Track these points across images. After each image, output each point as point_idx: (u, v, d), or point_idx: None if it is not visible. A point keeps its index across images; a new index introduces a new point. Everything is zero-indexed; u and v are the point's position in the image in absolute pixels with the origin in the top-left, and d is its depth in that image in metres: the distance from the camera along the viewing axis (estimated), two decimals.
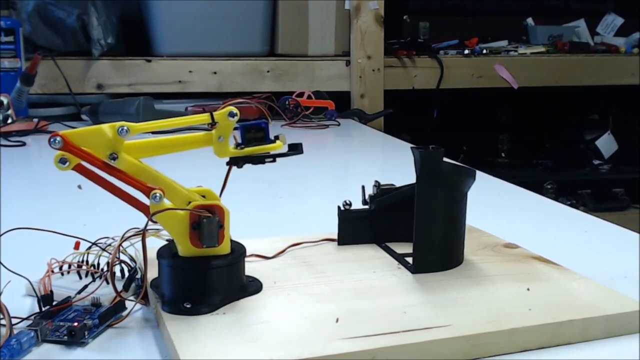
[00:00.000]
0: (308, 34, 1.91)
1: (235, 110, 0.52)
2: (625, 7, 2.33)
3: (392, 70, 1.95)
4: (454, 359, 0.46)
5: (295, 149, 0.54)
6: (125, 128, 0.50)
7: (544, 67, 2.07)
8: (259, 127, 0.52)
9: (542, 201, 0.97)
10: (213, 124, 0.51)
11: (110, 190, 0.51)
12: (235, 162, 0.53)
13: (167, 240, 0.57)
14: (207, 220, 0.51)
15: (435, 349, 0.46)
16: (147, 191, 0.51)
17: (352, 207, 0.66)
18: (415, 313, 0.50)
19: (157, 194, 0.50)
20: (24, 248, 0.61)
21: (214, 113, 0.52)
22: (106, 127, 0.50)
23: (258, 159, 0.53)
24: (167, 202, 0.51)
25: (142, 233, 0.51)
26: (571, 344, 0.49)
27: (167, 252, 0.53)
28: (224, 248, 0.53)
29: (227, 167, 0.54)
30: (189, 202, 0.52)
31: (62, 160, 0.50)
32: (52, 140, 0.49)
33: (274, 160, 0.54)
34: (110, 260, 0.53)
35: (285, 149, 0.55)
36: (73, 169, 0.50)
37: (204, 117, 0.52)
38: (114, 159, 0.50)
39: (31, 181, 1.13)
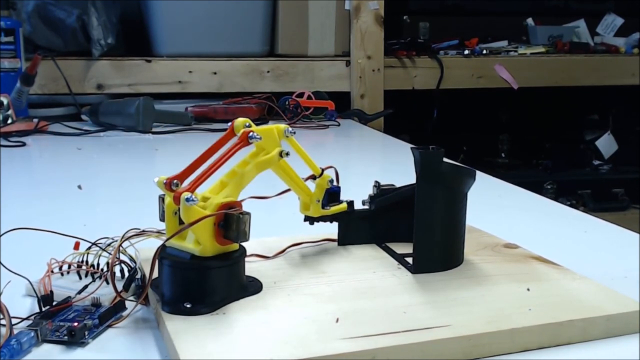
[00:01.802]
0: (308, 34, 1.91)
1: (332, 178, 0.64)
2: (625, 7, 2.33)
3: (392, 70, 1.95)
4: (454, 359, 0.46)
5: (350, 206, 0.66)
6: (291, 130, 0.60)
7: (544, 67, 2.07)
8: (336, 192, 0.64)
9: (542, 201, 0.97)
10: (317, 177, 0.63)
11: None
12: (316, 220, 0.65)
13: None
14: (243, 216, 0.51)
15: (435, 349, 0.46)
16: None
17: (352, 208, 0.66)
18: (415, 313, 0.50)
19: (193, 197, 0.51)
20: (24, 248, 0.61)
21: (323, 176, 0.63)
22: (274, 128, 0.58)
23: (335, 219, 0.65)
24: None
25: (159, 249, 0.51)
26: (571, 344, 0.49)
27: (168, 252, 0.53)
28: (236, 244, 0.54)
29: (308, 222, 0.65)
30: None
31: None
32: (251, 135, 0.55)
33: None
34: (110, 261, 0.53)
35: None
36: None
37: (317, 169, 0.63)
38: (287, 154, 0.59)
39: (31, 181, 1.13)
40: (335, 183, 0.64)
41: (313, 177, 0.63)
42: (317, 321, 0.49)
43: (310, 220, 0.65)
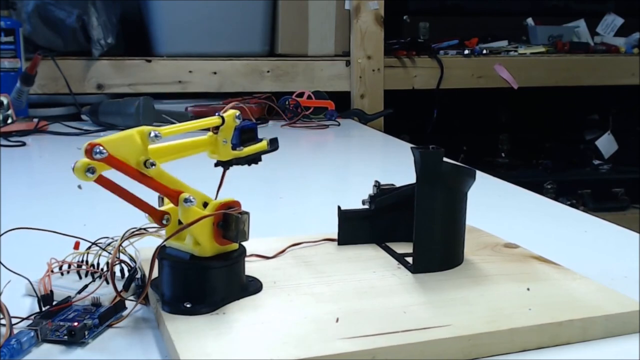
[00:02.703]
0: (308, 34, 1.91)
1: (239, 113, 0.54)
2: (625, 7, 2.33)
3: (392, 70, 1.95)
4: (454, 359, 0.46)
5: (273, 144, 0.57)
6: (156, 133, 0.49)
7: (544, 67, 2.07)
8: (251, 128, 0.55)
9: (542, 201, 0.97)
10: (220, 125, 0.53)
11: (129, 199, 0.50)
12: (229, 163, 0.55)
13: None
14: (240, 216, 0.51)
15: (435, 349, 0.46)
16: (176, 196, 0.51)
17: (352, 208, 0.66)
18: (415, 313, 0.50)
19: (191, 198, 0.50)
20: (24, 248, 0.61)
21: (228, 113, 0.53)
22: (135, 133, 0.49)
23: (254, 159, 0.56)
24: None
25: (158, 248, 0.51)
26: (571, 344, 0.49)
27: (168, 252, 0.53)
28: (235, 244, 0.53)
29: (222, 168, 0.56)
30: (204, 202, 0.52)
31: (91, 170, 0.47)
32: (95, 150, 0.46)
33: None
34: (110, 260, 0.53)
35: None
36: (96, 180, 0.48)
37: (216, 120, 0.54)
38: (153, 165, 0.49)
39: (31, 181, 1.13)
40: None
41: (217, 128, 0.55)
42: (317, 321, 0.49)
43: (222, 165, 0.56)
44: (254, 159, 0.56)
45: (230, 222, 0.51)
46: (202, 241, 0.51)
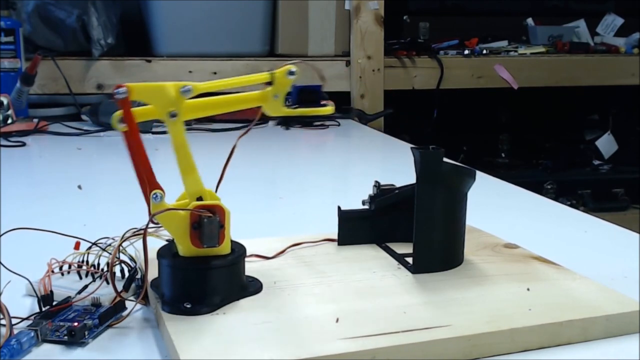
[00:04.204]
0: (308, 34, 1.91)
1: (294, 69, 0.51)
2: (625, 7, 2.33)
3: (392, 70, 1.95)
4: (454, 359, 0.46)
5: (346, 111, 0.54)
6: (188, 87, 0.49)
7: (544, 67, 2.06)
8: (313, 90, 0.51)
9: (542, 201, 0.97)
10: (270, 83, 0.51)
11: (140, 164, 0.50)
12: (286, 121, 0.53)
13: (167, 240, 0.57)
14: (208, 220, 0.51)
15: (435, 349, 0.46)
16: (149, 189, 0.50)
17: (352, 208, 0.66)
18: (415, 313, 0.50)
19: (158, 194, 0.50)
20: (24, 248, 0.61)
21: (274, 72, 0.51)
22: (170, 86, 0.49)
23: (309, 122, 0.52)
24: (167, 202, 0.51)
25: (144, 232, 0.51)
26: (571, 344, 0.49)
27: (167, 252, 0.53)
28: (224, 248, 0.53)
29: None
30: (199, 198, 0.52)
31: (122, 120, 0.49)
32: (119, 90, 0.47)
33: (325, 126, 0.53)
34: (110, 260, 0.53)
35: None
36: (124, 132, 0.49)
37: (264, 76, 0.51)
38: (174, 116, 0.49)
39: (31, 181, 1.13)
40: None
41: (268, 83, 0.53)
42: (317, 321, 0.49)
43: (283, 121, 0.53)
44: (309, 121, 0.53)
45: (201, 224, 0.51)
46: (178, 241, 0.52)
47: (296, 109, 0.53)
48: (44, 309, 0.51)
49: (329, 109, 0.53)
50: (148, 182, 0.51)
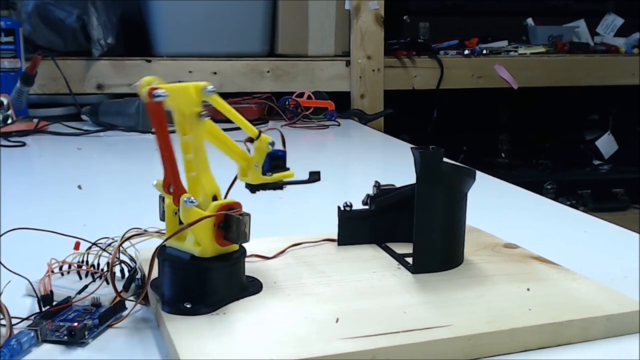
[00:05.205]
0: (308, 34, 1.91)
1: (272, 140, 0.57)
2: (625, 7, 2.33)
3: (392, 70, 1.95)
4: (454, 359, 0.46)
5: (314, 176, 0.60)
6: (211, 88, 0.52)
7: (544, 67, 2.06)
8: (280, 156, 0.58)
9: (542, 201, 0.97)
10: (255, 139, 0.56)
11: (165, 147, 0.51)
12: (257, 188, 0.59)
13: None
14: (241, 218, 0.51)
15: (435, 349, 0.46)
16: (178, 192, 0.51)
17: (352, 208, 0.66)
18: (415, 313, 0.50)
19: (191, 198, 0.50)
20: (24, 248, 0.61)
21: (261, 138, 0.57)
22: (190, 86, 0.52)
23: (279, 186, 0.59)
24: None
25: (158, 248, 0.51)
26: (571, 344, 0.49)
27: (167, 253, 0.53)
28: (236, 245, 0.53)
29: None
30: (214, 197, 0.52)
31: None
32: (155, 92, 0.49)
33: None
34: (110, 261, 0.53)
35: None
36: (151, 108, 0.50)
37: (253, 130, 0.56)
38: (203, 116, 0.51)
39: (31, 181, 1.13)
40: (279, 147, 0.59)
41: (250, 140, 0.57)
42: (317, 321, 0.49)
43: (250, 188, 0.59)
44: (278, 185, 0.59)
45: (231, 223, 0.51)
46: (202, 242, 0.51)
47: (271, 176, 0.58)
48: (44, 309, 0.51)
49: (291, 172, 0.59)
50: (175, 185, 0.52)
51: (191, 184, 0.53)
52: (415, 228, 0.58)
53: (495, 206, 0.92)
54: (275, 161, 0.58)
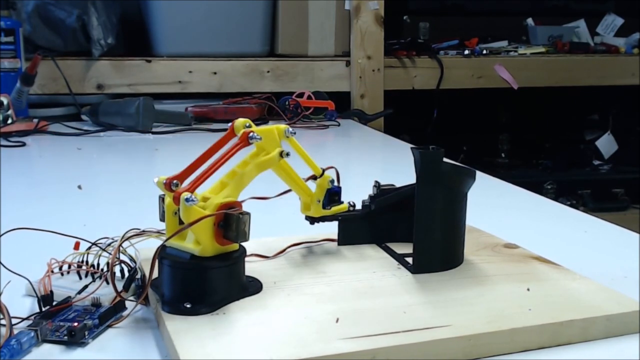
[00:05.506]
0: (308, 34, 1.91)
1: (332, 179, 0.64)
2: (625, 7, 2.33)
3: (392, 70, 1.95)
4: (454, 359, 0.46)
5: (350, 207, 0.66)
6: (292, 130, 0.60)
7: (544, 67, 2.06)
8: (337, 192, 0.65)
9: (542, 201, 0.97)
10: (318, 177, 0.63)
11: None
12: (317, 220, 0.65)
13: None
14: (241, 216, 0.51)
15: (435, 349, 0.46)
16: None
17: (356, 207, 0.66)
18: (415, 313, 0.50)
19: (194, 198, 0.51)
20: (24, 248, 0.61)
21: (323, 176, 0.64)
22: (274, 129, 0.59)
23: (335, 218, 0.65)
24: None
25: (159, 248, 0.51)
26: (571, 344, 0.49)
27: (168, 252, 0.53)
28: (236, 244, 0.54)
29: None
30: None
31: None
32: (251, 135, 0.56)
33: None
34: (110, 261, 0.53)
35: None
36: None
37: (318, 169, 0.63)
38: (287, 155, 0.59)
39: (31, 181, 1.13)
40: (336, 183, 0.65)
41: (314, 178, 0.64)
42: (317, 321, 0.49)
43: (311, 220, 0.65)
44: (335, 217, 0.65)
45: (231, 222, 0.51)
46: (202, 241, 0.51)
47: (331, 209, 0.64)
48: (44, 309, 0.51)
49: (345, 205, 0.65)
50: (181, 182, 0.53)
51: (216, 185, 0.55)
52: (415, 228, 0.58)
53: (495, 206, 0.92)
54: (334, 196, 0.65)
